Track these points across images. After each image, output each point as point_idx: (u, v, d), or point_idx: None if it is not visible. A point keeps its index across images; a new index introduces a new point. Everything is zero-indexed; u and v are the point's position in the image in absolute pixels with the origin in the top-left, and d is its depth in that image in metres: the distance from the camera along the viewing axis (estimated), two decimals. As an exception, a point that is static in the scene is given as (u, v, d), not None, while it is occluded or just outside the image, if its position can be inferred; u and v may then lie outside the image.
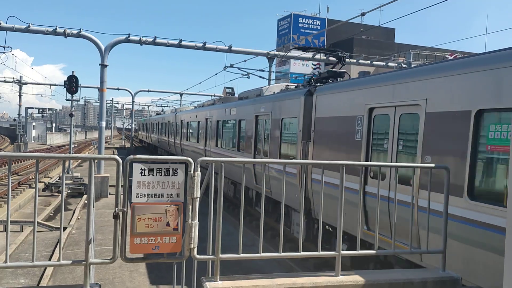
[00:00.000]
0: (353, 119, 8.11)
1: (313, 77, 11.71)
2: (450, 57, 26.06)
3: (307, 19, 46.34)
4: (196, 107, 30.59)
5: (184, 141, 24.74)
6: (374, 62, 23.32)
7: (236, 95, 18.90)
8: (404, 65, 22.35)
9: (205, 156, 18.10)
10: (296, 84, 14.69)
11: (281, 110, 11.30)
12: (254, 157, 12.86)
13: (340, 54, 12.35)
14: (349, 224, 5.78)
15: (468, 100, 5.50)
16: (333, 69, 11.54)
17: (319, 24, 46.31)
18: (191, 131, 23.40)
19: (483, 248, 5.01)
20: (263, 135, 12.46)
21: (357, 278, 4.14)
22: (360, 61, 22.19)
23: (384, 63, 23.28)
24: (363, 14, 14.38)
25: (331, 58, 22.93)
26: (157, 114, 56.10)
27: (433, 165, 5.31)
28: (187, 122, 24.13)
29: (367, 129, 7.64)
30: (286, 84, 14.72)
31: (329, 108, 9.15)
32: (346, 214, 4.30)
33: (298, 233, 10.56)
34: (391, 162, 6.93)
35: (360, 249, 4.47)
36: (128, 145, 54.60)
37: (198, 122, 21.10)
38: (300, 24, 45.83)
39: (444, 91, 5.96)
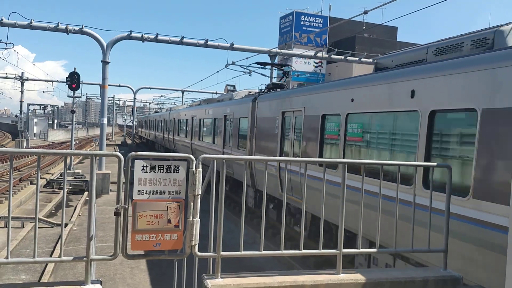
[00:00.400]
0: (274, 119, 12.07)
1: (266, 87, 15.49)
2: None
3: (309, 17, 46.21)
4: (187, 106, 35.24)
5: (176, 136, 28.24)
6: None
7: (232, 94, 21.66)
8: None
9: (191, 149, 23.26)
10: (255, 91, 18.54)
11: (239, 112, 15.10)
12: (223, 148, 16.70)
13: (285, 70, 17.90)
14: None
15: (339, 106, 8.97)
16: (275, 82, 16.23)
17: (322, 22, 46.19)
18: (181, 127, 26.88)
19: None
20: (230, 130, 16.21)
21: (358, 277, 4.14)
22: (362, 59, 22.13)
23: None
24: (365, 12, 14.36)
25: (333, 56, 22.90)
26: (155, 112, 56.64)
27: (435, 163, 5.30)
28: (178, 120, 27.72)
29: (281, 125, 11.58)
30: (249, 90, 19.13)
31: (263, 111, 13.01)
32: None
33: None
34: (292, 146, 10.90)
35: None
36: (129, 141, 54.86)
37: (186, 120, 24.69)
38: (302, 22, 45.70)
39: (312, 102, 9.97)
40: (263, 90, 15.87)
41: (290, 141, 10.98)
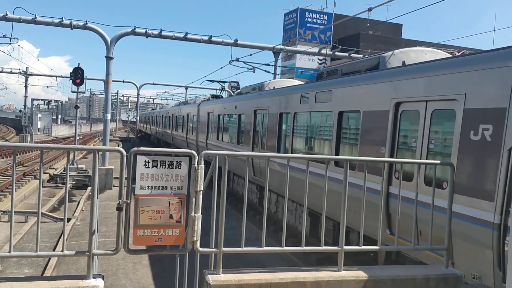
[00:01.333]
0: (207, 115, 19.86)
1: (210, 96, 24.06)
2: (457, 54, 25.80)
3: (313, 14, 46.10)
4: (179, 104, 38.68)
5: (174, 131, 31.76)
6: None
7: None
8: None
9: (187, 142, 26.35)
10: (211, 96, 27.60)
11: (195, 112, 22.84)
12: (197, 138, 22.11)
13: (222, 86, 27.75)
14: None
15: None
16: (214, 94, 26.77)
17: (326, 19, 46.07)
18: (178, 123, 30.59)
19: None
20: (192, 124, 23.69)
21: (359, 274, 4.14)
22: (366, 56, 22.06)
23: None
24: (370, 9, 14.31)
25: (337, 53, 22.86)
26: (157, 109, 57.06)
27: (438, 161, 5.28)
28: (176, 116, 31.02)
29: (206, 120, 19.43)
30: (212, 94, 28.00)
31: (203, 112, 21.05)
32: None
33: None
34: (218, 137, 17.02)
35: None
36: (132, 136, 55.50)
37: (183, 116, 27.83)
38: (306, 19, 45.60)
39: (243, 105, 14.35)
40: (206, 99, 25.27)
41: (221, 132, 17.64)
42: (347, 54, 22.43)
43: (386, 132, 6.92)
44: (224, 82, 27.92)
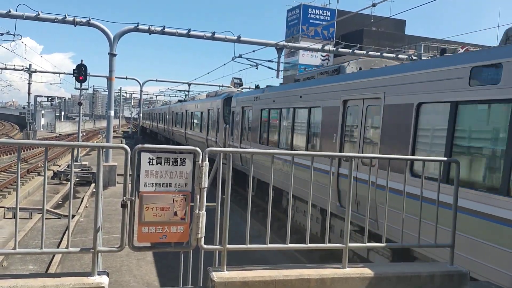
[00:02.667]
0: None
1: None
2: (461, 50, 25.67)
3: (316, 10, 45.98)
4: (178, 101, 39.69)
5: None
6: (384, 54, 23.07)
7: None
8: (414, 57, 22.08)
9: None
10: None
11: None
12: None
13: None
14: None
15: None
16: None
17: (329, 15, 45.94)
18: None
19: None
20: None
21: (364, 271, 4.13)
22: (370, 52, 21.98)
23: (394, 55, 23.02)
24: (373, 5, 14.26)
25: (340, 50, 22.77)
26: (162, 104, 57.29)
27: (444, 158, 5.27)
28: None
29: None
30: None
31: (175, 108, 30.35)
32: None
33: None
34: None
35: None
36: (134, 129, 56.24)
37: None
38: (309, 15, 45.49)
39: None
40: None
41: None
42: (350, 51, 22.34)
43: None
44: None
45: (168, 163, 3.74)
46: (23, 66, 42.51)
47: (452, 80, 6.19)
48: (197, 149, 3.78)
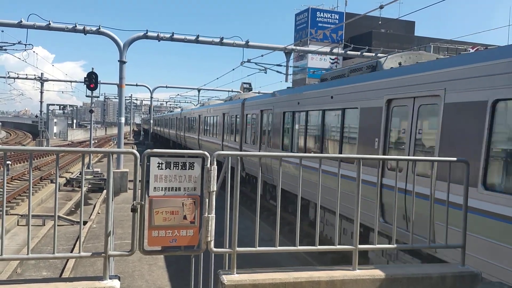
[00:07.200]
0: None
1: None
2: (471, 50, 25.44)
3: (325, 13, 45.96)
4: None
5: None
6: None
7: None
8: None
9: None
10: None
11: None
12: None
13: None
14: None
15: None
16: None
17: (337, 18, 45.88)
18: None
19: None
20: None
21: (374, 272, 4.12)
22: (379, 54, 21.91)
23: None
24: (381, 7, 14.21)
25: (349, 52, 22.73)
26: (169, 111, 58.12)
27: (454, 158, 5.23)
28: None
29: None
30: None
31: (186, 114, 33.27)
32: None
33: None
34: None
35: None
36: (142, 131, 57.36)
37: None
38: (318, 18, 45.47)
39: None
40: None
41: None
42: (359, 53, 22.29)
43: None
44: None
45: (177, 168, 3.78)
46: (35, 75, 42.99)
47: None
48: (206, 153, 3.81)
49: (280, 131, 13.02)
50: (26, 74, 43.06)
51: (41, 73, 42.93)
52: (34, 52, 26.40)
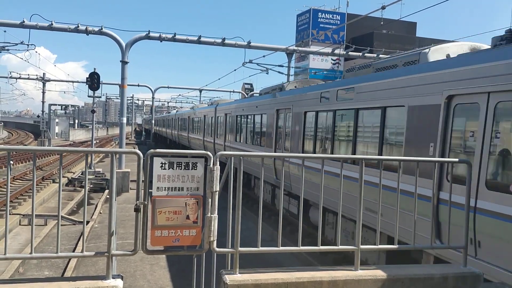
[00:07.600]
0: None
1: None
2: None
3: (326, 14, 45.94)
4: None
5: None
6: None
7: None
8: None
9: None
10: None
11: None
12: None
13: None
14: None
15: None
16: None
17: (339, 18, 45.85)
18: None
19: None
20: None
21: (376, 273, 4.12)
22: (381, 55, 21.91)
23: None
24: (383, 8, 14.21)
25: (350, 53, 22.74)
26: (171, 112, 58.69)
27: (456, 159, 5.23)
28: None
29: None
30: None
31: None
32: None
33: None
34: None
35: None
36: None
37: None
38: (319, 19, 45.46)
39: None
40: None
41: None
42: (360, 54, 22.30)
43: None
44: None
45: (180, 167, 3.80)
46: (37, 75, 43.11)
47: None
48: (208, 153, 3.83)
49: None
50: (28, 74, 43.16)
51: (43, 73, 43.04)
52: (36, 52, 26.54)
